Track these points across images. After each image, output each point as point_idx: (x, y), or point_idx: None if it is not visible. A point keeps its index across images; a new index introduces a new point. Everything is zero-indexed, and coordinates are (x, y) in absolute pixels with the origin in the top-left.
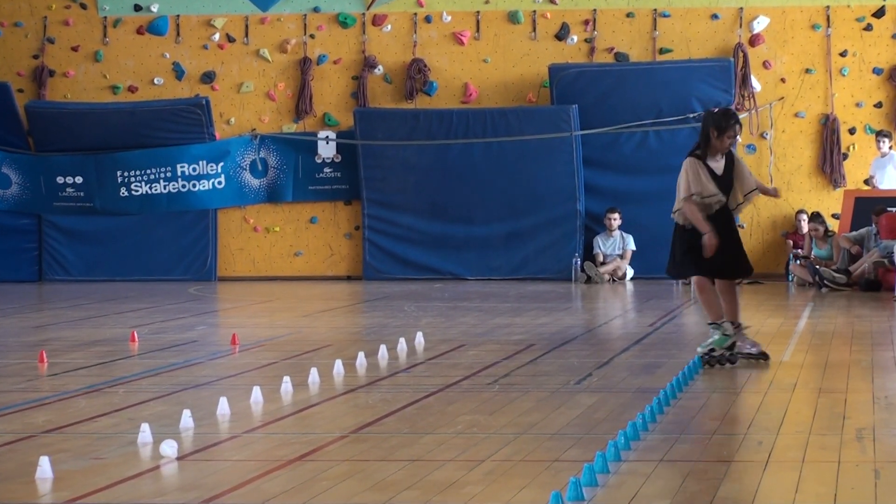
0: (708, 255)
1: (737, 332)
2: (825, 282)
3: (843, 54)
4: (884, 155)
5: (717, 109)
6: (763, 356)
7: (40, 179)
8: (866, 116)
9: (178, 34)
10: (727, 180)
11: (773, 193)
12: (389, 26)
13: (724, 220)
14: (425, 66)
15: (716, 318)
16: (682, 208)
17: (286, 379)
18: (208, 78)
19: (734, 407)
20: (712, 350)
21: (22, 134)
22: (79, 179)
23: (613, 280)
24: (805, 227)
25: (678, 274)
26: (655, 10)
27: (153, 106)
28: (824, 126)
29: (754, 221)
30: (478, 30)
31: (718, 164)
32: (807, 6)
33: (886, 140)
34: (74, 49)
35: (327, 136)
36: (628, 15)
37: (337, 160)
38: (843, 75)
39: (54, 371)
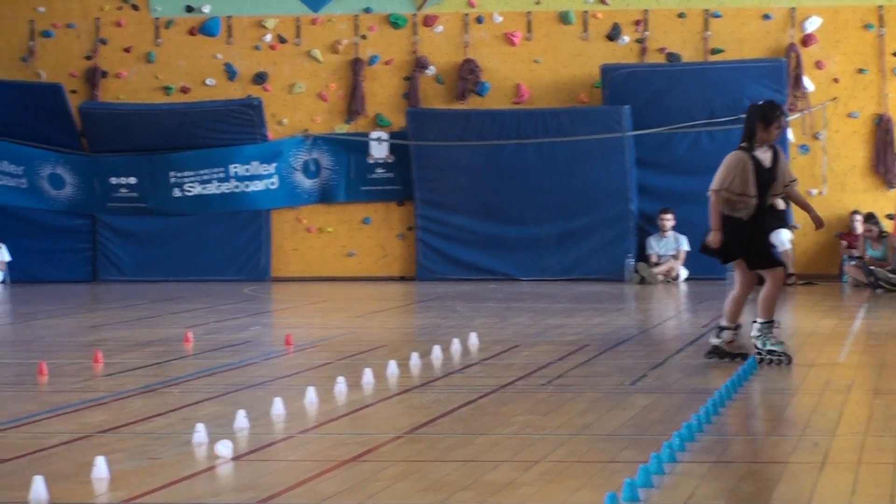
0: (714, 245)
1: (736, 333)
2: (880, 282)
3: None
4: None
5: (761, 102)
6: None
7: (94, 180)
8: None
9: (229, 35)
10: (773, 172)
11: (817, 221)
12: (441, 27)
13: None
14: (477, 66)
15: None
16: (710, 197)
17: (340, 379)
18: (260, 79)
19: (789, 408)
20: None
21: (75, 135)
22: (132, 180)
23: (667, 281)
24: (859, 227)
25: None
26: (707, 10)
27: (205, 107)
28: (878, 126)
29: (808, 222)
30: (529, 30)
31: (766, 156)
32: (859, 6)
33: None
34: (127, 50)
35: (379, 137)
36: (680, 15)
37: (389, 161)
38: None
39: (109, 371)
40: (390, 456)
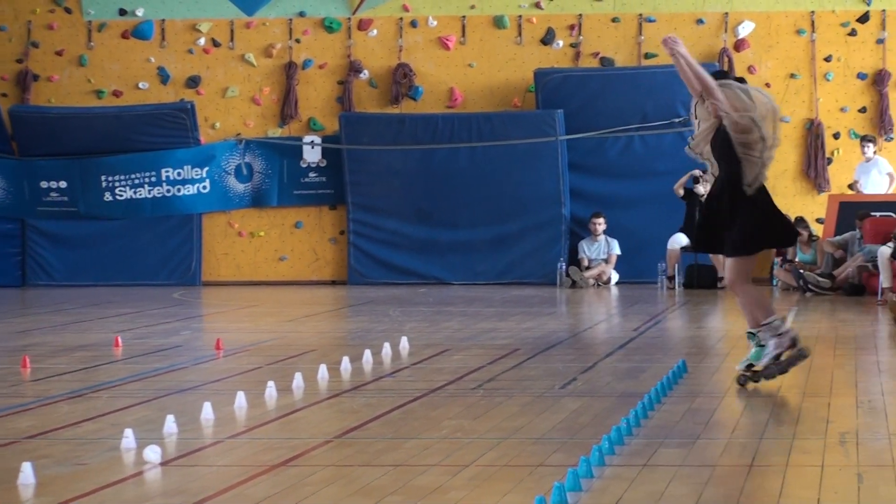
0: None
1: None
2: (809, 286)
3: (827, 59)
4: (868, 160)
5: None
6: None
7: (24, 184)
8: (850, 121)
9: (163, 39)
10: None
11: None
12: (375, 31)
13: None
14: (411, 70)
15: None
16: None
17: (270, 384)
18: (193, 82)
19: (718, 411)
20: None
21: (5, 138)
22: (63, 184)
23: (598, 284)
24: None
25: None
26: (641, 14)
27: (138, 110)
28: (809, 131)
29: None
30: (463, 34)
31: None
32: (792, 11)
33: (871, 145)
34: (59, 53)
35: (312, 141)
36: (614, 20)
37: (322, 165)
38: (828, 80)
39: (37, 376)
40: (319, 460)
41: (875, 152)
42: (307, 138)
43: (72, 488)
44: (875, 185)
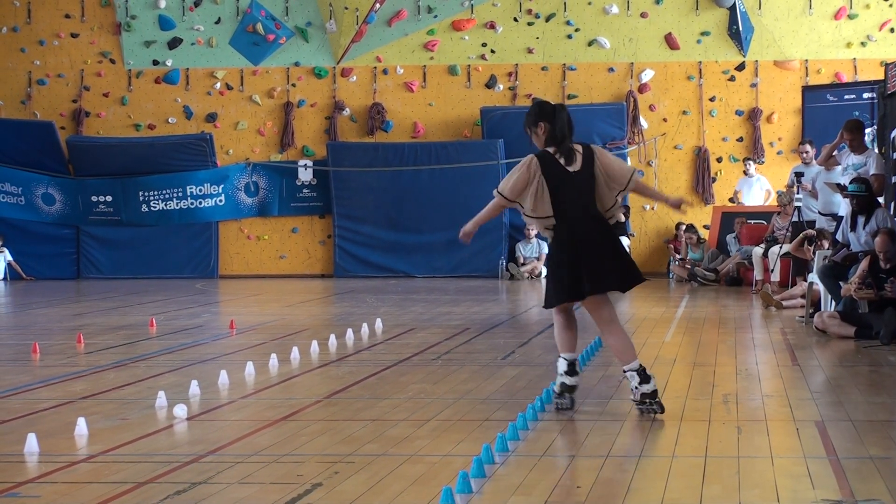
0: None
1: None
2: (698, 279)
3: (712, 99)
4: (750, 175)
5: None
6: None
7: (78, 198)
8: (730, 148)
9: (187, 83)
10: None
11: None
12: (355, 77)
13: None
14: (383, 108)
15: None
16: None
17: (273, 355)
18: (211, 118)
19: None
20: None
21: (64, 162)
22: (109, 198)
23: (531, 277)
24: (682, 235)
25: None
26: (564, 64)
27: (168, 140)
28: (697, 156)
29: (642, 231)
30: (424, 80)
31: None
32: (683, 61)
33: (751, 164)
34: (105, 95)
35: (306, 164)
36: (543, 68)
37: (313, 183)
38: (712, 116)
39: (89, 350)
40: (312, 416)
41: (755, 170)
42: (301, 162)
43: (117, 438)
44: (755, 197)
